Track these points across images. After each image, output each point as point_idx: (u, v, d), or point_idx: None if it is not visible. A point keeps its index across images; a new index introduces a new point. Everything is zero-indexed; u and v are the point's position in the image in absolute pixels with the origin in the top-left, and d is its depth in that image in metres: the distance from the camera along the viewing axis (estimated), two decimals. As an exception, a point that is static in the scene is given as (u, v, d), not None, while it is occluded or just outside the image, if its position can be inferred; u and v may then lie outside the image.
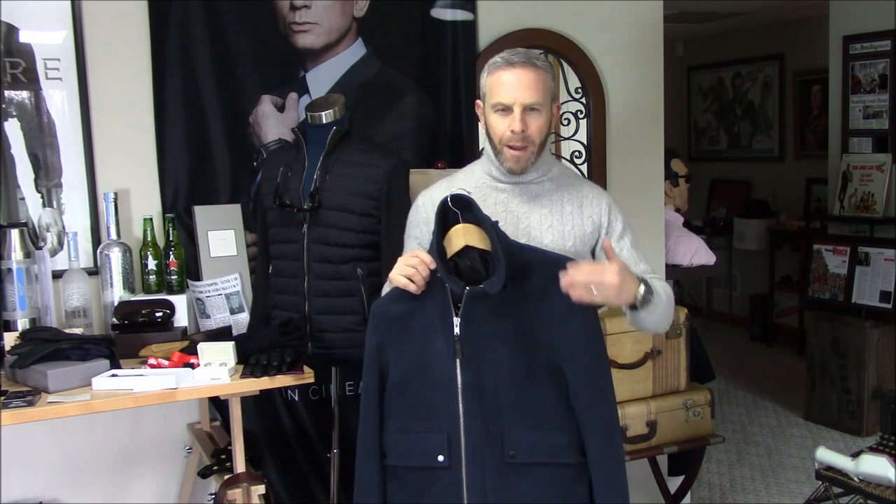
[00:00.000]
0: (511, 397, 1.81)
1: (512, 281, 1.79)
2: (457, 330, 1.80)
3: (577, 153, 3.50)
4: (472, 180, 2.06)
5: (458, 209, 1.84)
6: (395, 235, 2.33)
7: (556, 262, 1.82)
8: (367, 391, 1.90)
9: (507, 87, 1.93)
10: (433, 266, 1.81)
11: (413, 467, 1.87)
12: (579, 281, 1.73)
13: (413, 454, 1.86)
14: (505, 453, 1.80)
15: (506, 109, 1.94)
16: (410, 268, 1.82)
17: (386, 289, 1.98)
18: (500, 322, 1.81)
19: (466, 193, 1.85)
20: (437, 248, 1.82)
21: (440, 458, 1.82)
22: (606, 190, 2.49)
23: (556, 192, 2.04)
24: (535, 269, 1.82)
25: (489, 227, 1.81)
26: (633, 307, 1.88)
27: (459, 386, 1.81)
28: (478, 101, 2.07)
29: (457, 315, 1.81)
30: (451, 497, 1.83)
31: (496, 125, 1.97)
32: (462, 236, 1.83)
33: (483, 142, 2.09)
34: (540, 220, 2.02)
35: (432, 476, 1.84)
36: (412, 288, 1.82)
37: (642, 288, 1.84)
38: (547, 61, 2.03)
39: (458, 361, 1.81)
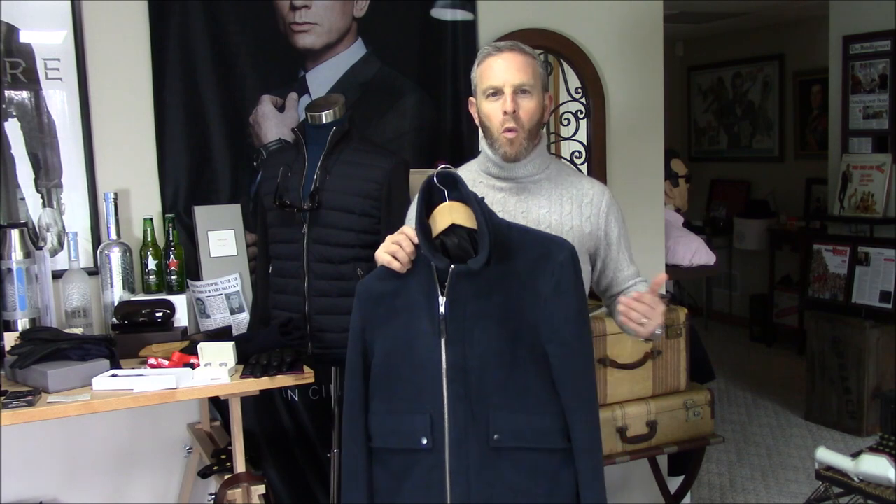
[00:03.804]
0: (496, 379, 1.76)
1: (498, 259, 1.75)
2: (442, 309, 1.75)
3: (577, 153, 3.50)
4: (467, 179, 2.05)
5: (444, 187, 1.79)
6: (395, 235, 2.33)
7: (544, 241, 1.80)
8: (352, 372, 1.84)
9: (496, 70, 1.97)
10: (417, 241, 1.77)
11: (395, 449, 1.81)
12: (636, 311, 1.84)
13: (396, 436, 1.81)
14: (490, 436, 1.75)
15: (496, 93, 1.97)
16: (394, 244, 1.79)
17: None
18: (486, 301, 1.76)
19: (452, 170, 1.80)
20: (421, 225, 1.76)
21: (423, 440, 1.77)
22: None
23: (556, 190, 2.04)
24: (523, 248, 1.78)
25: (474, 202, 1.75)
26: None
27: (444, 367, 1.76)
28: (470, 99, 2.08)
29: (442, 294, 1.76)
30: (434, 481, 1.77)
31: (489, 111, 1.99)
32: (448, 214, 1.78)
33: (482, 141, 2.09)
34: (538, 219, 2.01)
35: (414, 459, 1.79)
36: (396, 265, 1.78)
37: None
38: (535, 52, 2.05)
39: (442, 342, 1.76)
